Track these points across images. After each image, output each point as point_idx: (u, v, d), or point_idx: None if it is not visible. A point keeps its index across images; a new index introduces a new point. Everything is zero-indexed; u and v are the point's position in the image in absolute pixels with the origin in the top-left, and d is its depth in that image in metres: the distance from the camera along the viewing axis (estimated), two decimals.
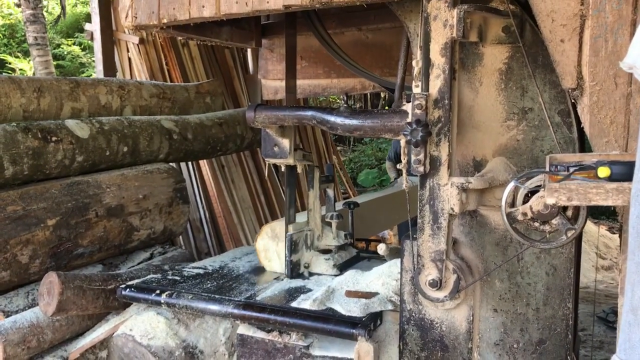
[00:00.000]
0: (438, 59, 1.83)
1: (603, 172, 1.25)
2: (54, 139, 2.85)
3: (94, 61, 7.51)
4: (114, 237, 3.05)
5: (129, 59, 5.25)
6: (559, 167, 1.41)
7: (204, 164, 5.16)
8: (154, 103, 3.79)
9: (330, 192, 3.03)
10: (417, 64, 1.89)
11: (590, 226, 6.01)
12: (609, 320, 4.12)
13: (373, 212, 3.71)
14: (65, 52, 11.93)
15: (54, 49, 11.28)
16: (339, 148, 10.40)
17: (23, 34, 10.10)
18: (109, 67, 4.98)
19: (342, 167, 7.94)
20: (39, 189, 2.78)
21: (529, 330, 2.00)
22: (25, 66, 10.84)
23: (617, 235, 1.80)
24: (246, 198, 5.52)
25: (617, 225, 1.66)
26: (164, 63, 5.26)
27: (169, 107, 3.92)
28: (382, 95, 11.60)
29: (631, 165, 1.16)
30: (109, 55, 5.05)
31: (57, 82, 3.22)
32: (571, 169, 1.35)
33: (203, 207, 5.28)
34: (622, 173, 1.23)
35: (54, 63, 9.01)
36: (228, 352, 2.52)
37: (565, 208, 1.70)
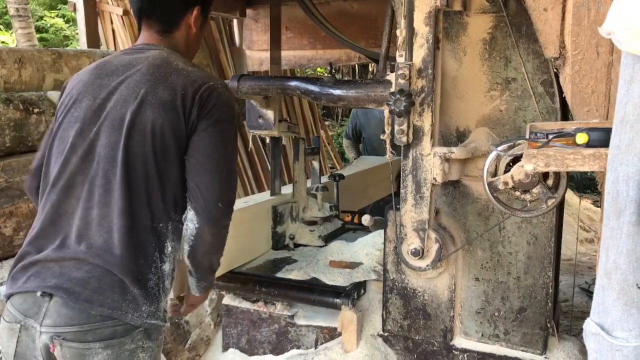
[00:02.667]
0: (422, 28, 1.82)
1: (581, 138, 1.26)
2: (36, 110, 2.81)
3: (77, 34, 7.39)
4: None
5: (113, 30, 5.17)
6: (538, 134, 1.41)
7: None
8: None
9: (315, 164, 3.03)
10: (401, 34, 1.88)
11: (574, 199, 6.07)
12: (591, 292, 4.18)
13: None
14: (49, 25, 11.72)
15: (37, 21, 11.07)
16: (327, 123, 10.37)
17: (4, 5, 9.89)
18: (93, 39, 4.90)
19: (330, 142, 7.93)
20: (21, 161, 2.75)
21: (510, 299, 2.03)
22: (8, 38, 10.65)
23: (601, 208, 1.82)
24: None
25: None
26: None
27: None
28: (370, 69, 11.54)
29: (609, 131, 1.16)
30: (93, 26, 4.96)
31: (39, 53, 3.17)
32: (550, 136, 1.36)
33: None
34: (600, 139, 1.23)
35: (37, 36, 8.85)
36: (214, 323, 2.55)
37: (545, 177, 1.72)
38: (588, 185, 7.75)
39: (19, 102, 2.76)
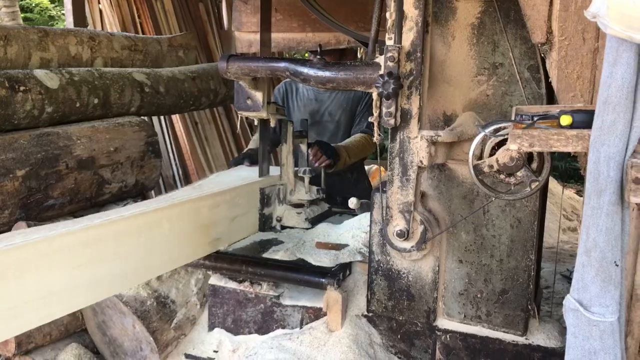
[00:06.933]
0: (411, 11, 1.83)
1: (565, 120, 1.28)
2: (22, 88, 2.79)
3: (63, 14, 7.30)
4: (85, 190, 3.03)
5: (100, 11, 5.13)
6: (524, 116, 1.44)
7: (177, 120, 5.12)
8: (126, 55, 3.72)
9: (303, 147, 3.05)
10: (390, 16, 1.89)
11: (558, 188, 6.13)
12: (572, 279, 4.24)
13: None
14: (34, 4, 11.55)
15: (21, 0, 10.90)
16: None
17: None
18: (79, 19, 4.85)
19: None
20: (7, 139, 2.73)
21: (493, 281, 2.07)
22: None
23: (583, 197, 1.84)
24: (220, 156, 5.51)
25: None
26: (136, 16, 5.14)
27: (141, 60, 3.85)
28: (359, 55, 11.50)
29: (592, 113, 1.19)
30: (80, 6, 4.91)
31: (25, 31, 3.14)
32: (535, 118, 1.39)
33: (176, 164, 5.26)
34: (583, 121, 1.26)
35: (22, 15, 8.73)
36: (200, 302, 2.56)
37: (530, 161, 1.75)
38: (572, 175, 7.83)
39: (4, 79, 2.73)
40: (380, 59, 1.89)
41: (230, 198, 2.44)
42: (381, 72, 1.85)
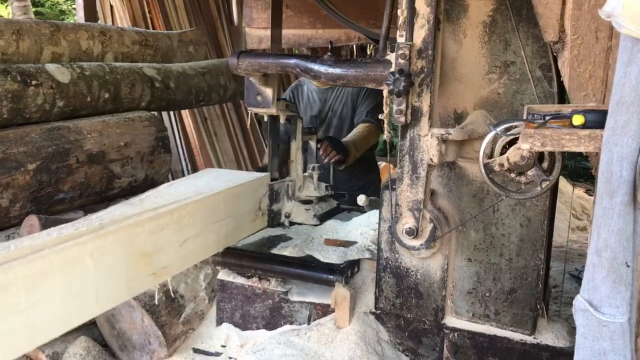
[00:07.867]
0: (423, 8, 1.83)
1: (577, 119, 1.28)
2: (34, 82, 2.81)
3: (74, 9, 7.33)
4: (95, 184, 3.05)
5: (111, 6, 5.14)
6: (535, 115, 1.43)
7: (186, 115, 5.13)
8: (136, 50, 3.74)
9: (312, 144, 3.05)
10: (402, 14, 1.88)
11: (568, 188, 6.11)
12: (581, 278, 4.22)
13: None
14: None
15: None
16: None
17: None
18: (90, 14, 4.87)
19: None
20: (18, 133, 2.75)
21: (501, 280, 2.06)
22: (3, 12, 10.54)
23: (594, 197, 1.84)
24: (229, 151, 5.53)
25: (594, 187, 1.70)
26: (147, 11, 5.16)
27: (151, 55, 3.86)
28: (369, 51, 11.47)
29: (605, 113, 1.19)
30: (91, 1, 4.93)
31: (37, 26, 3.16)
32: (547, 118, 1.38)
33: (185, 159, 5.28)
34: (596, 121, 1.25)
35: (33, 10, 8.76)
36: (208, 297, 2.57)
37: (541, 160, 1.74)
38: (581, 174, 7.79)
39: (16, 73, 2.75)
40: (391, 56, 1.89)
41: (177, 217, 1.95)
42: (392, 69, 1.85)
